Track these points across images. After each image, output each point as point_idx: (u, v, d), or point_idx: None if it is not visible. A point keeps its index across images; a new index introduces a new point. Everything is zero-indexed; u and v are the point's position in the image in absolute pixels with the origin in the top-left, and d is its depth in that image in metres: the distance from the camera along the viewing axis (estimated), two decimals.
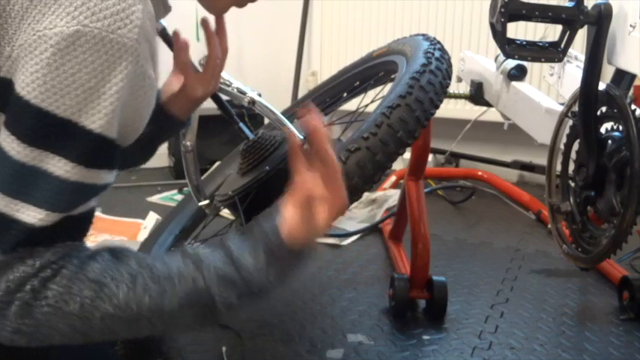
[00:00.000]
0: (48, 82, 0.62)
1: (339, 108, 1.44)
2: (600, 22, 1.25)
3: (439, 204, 2.22)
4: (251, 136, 1.09)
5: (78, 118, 0.63)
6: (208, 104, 1.07)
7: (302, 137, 0.92)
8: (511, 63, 1.79)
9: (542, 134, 1.64)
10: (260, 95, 1.11)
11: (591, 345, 1.20)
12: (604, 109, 1.31)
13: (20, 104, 0.63)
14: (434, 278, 1.31)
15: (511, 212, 2.13)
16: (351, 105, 1.39)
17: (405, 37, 1.35)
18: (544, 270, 1.59)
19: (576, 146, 1.41)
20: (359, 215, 1.98)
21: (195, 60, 1.02)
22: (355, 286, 1.46)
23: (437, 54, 1.14)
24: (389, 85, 1.19)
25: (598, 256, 1.30)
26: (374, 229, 1.87)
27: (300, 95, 2.79)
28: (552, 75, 1.82)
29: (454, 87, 1.86)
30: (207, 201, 1.21)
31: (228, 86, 1.10)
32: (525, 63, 1.78)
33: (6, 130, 0.64)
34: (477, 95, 1.93)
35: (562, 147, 1.48)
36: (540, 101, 1.66)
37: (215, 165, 1.61)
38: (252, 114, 1.31)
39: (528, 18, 1.27)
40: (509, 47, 1.30)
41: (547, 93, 1.88)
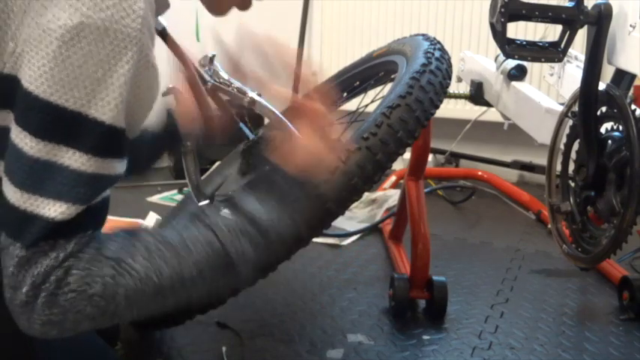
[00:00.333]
0: (56, 76, 0.62)
1: (339, 108, 1.44)
2: (600, 22, 1.25)
3: (439, 204, 2.21)
4: (251, 136, 1.09)
5: (88, 110, 0.63)
6: None
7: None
8: (511, 63, 1.79)
9: (542, 134, 1.64)
10: (260, 95, 1.11)
11: (591, 345, 1.20)
12: (604, 109, 1.31)
13: (29, 99, 0.63)
14: (434, 278, 1.31)
15: (511, 212, 2.13)
16: (351, 105, 1.39)
17: (405, 37, 1.35)
18: (544, 270, 1.59)
19: (576, 146, 1.41)
20: (359, 215, 1.98)
21: (194, 60, 1.02)
22: (355, 286, 1.46)
23: (437, 54, 1.14)
24: (389, 85, 1.19)
25: (598, 256, 1.30)
26: (374, 229, 1.86)
27: (300, 95, 2.79)
28: (552, 75, 1.82)
29: (454, 87, 1.86)
30: (207, 201, 1.21)
31: (228, 86, 1.10)
32: (525, 63, 1.78)
33: (17, 127, 0.64)
34: (477, 95, 1.93)
35: (562, 147, 1.48)
36: (540, 101, 1.66)
37: (215, 165, 1.61)
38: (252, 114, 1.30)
39: (528, 18, 1.27)
40: (509, 47, 1.30)
41: (547, 93, 1.88)
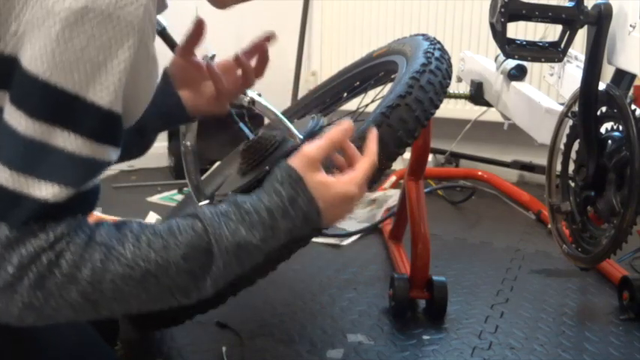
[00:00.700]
0: (57, 57, 0.62)
1: (339, 108, 1.45)
2: (600, 22, 1.25)
3: (439, 204, 2.22)
4: (251, 136, 1.09)
5: (86, 93, 0.63)
6: None
7: (302, 137, 0.92)
8: (511, 63, 1.79)
9: (542, 134, 1.64)
10: (260, 95, 1.11)
11: (591, 345, 1.20)
12: (604, 109, 1.31)
13: (28, 79, 0.62)
14: (434, 278, 1.31)
15: (511, 212, 2.13)
16: (351, 105, 1.39)
17: (405, 37, 1.35)
18: (544, 270, 1.59)
19: (576, 146, 1.41)
20: (359, 215, 1.98)
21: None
22: (355, 286, 1.46)
23: (437, 54, 1.14)
24: (389, 85, 1.19)
25: (598, 256, 1.30)
26: (374, 229, 1.87)
27: (300, 95, 2.79)
28: (552, 75, 1.82)
29: (454, 87, 1.86)
30: (207, 201, 1.21)
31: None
32: (525, 63, 1.78)
33: (12, 106, 0.64)
34: (477, 95, 1.93)
35: (562, 147, 1.48)
36: (540, 101, 1.66)
37: (215, 165, 1.61)
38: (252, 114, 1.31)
39: (528, 18, 1.27)
40: (509, 47, 1.30)
41: (547, 93, 1.88)
